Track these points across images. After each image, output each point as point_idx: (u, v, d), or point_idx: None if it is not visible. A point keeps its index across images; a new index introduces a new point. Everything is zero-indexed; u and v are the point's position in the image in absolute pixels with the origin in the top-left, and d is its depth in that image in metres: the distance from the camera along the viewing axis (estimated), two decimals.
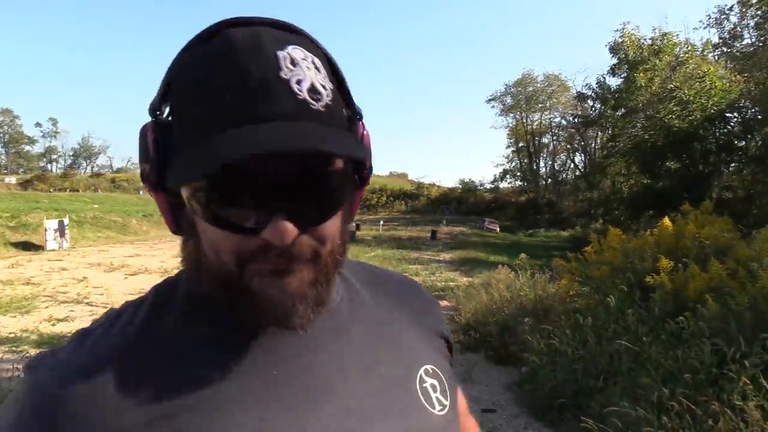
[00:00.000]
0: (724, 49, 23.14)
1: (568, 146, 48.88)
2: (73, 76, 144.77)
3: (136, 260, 15.33)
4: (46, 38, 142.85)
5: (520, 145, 53.51)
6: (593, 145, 42.81)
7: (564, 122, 48.34)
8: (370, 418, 0.52)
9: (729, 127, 17.25)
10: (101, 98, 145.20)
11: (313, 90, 0.45)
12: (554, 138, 51.60)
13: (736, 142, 17.33)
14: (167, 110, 0.50)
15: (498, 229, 33.09)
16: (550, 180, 53.07)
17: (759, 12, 18.90)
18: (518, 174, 54.42)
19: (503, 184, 54.58)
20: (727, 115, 16.92)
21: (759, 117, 15.79)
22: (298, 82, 0.44)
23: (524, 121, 51.92)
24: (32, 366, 0.50)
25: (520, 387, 4.89)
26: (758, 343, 3.21)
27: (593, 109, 35.04)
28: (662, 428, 2.91)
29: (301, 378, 0.51)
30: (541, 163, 54.97)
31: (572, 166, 49.45)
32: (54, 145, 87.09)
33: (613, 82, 26.76)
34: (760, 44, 19.46)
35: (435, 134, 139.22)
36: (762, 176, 15.31)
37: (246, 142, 0.40)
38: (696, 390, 3.16)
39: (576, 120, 41.39)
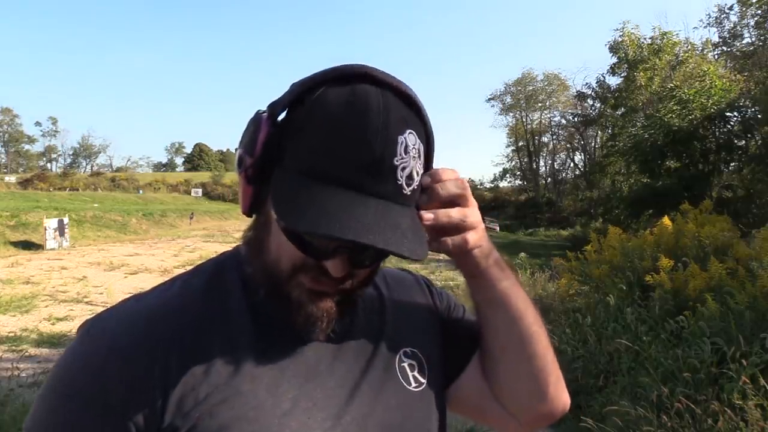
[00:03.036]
0: (724, 48, 23.19)
1: (568, 145, 48.86)
2: (73, 75, 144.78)
3: (136, 259, 15.32)
4: (46, 37, 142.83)
5: (520, 144, 53.45)
6: (593, 144, 42.80)
7: (564, 121, 48.35)
8: (355, 388, 0.62)
9: (729, 127, 17.21)
10: (101, 97, 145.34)
11: (410, 176, 0.53)
12: (554, 137, 51.57)
13: (735, 141, 17.29)
14: (284, 115, 0.56)
15: (497, 228, 33.10)
16: (549, 179, 53.02)
17: (759, 11, 18.93)
18: (518, 173, 54.40)
19: (503, 183, 54.68)
20: (727, 114, 16.87)
21: (759, 116, 15.76)
22: (402, 169, 0.53)
23: (524, 120, 51.89)
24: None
25: None
26: (758, 342, 3.21)
27: (593, 108, 35.14)
28: (662, 427, 2.91)
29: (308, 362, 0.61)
30: (541, 162, 54.97)
31: (572, 165, 49.47)
32: (54, 144, 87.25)
33: (613, 81, 26.87)
34: (760, 43, 19.49)
35: (434, 133, 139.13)
36: (762, 175, 15.29)
37: (341, 225, 0.48)
38: (696, 389, 3.16)
39: (576, 119, 41.40)
